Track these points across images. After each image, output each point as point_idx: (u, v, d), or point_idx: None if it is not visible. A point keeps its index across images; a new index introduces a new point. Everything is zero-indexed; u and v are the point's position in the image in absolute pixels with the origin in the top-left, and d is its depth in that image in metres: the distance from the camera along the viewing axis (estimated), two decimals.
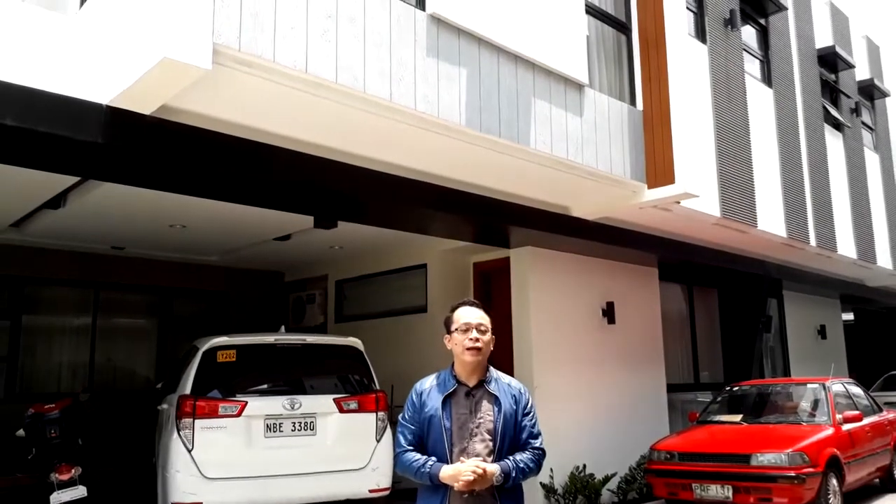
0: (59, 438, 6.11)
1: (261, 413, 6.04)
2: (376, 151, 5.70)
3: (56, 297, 9.73)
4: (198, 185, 5.79)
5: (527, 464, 2.83)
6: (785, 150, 10.20)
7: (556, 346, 8.31)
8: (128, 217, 7.70)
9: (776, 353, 13.16)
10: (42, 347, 9.53)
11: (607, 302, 9.02)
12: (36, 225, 7.82)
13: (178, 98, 4.46)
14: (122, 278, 9.97)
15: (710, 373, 11.82)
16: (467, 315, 2.93)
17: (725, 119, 8.76)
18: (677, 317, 11.34)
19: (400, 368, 8.21)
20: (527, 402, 2.95)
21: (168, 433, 6.04)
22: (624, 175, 6.87)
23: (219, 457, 5.84)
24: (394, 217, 7.08)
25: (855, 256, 11.90)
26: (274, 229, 8.47)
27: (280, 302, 11.73)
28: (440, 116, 5.19)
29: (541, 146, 5.99)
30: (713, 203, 8.29)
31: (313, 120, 5.07)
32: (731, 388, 9.52)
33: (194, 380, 6.10)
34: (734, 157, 8.81)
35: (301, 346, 6.74)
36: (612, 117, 6.83)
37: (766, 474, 7.03)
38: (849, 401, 8.76)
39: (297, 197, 6.20)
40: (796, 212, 10.16)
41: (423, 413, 2.89)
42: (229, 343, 6.40)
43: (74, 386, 9.29)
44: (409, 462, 2.85)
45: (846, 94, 12.77)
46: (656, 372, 9.84)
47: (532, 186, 6.94)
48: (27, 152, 4.67)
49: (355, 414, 6.40)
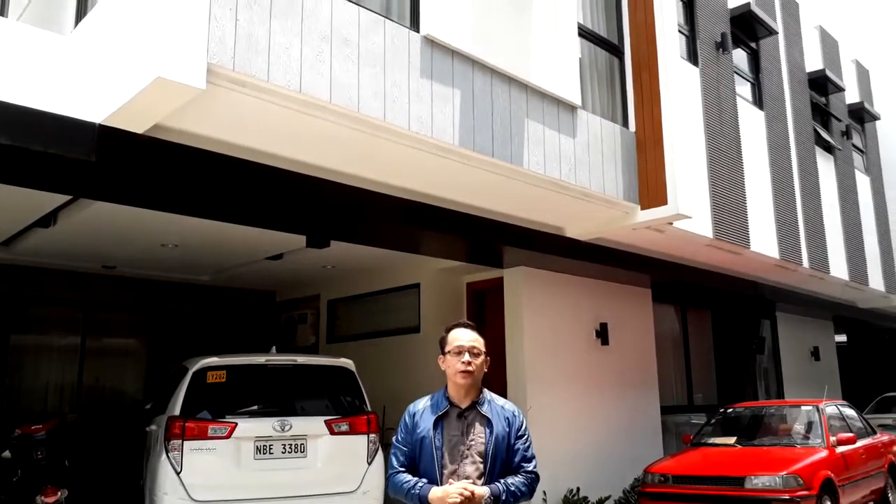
0: (46, 460, 6.01)
1: (251, 435, 5.96)
2: (370, 171, 5.70)
3: (45, 315, 9.65)
4: (190, 203, 5.77)
5: (518, 487, 2.80)
6: (777, 172, 10.26)
7: (549, 366, 8.28)
8: (119, 236, 7.66)
9: (770, 374, 13.15)
10: (30, 367, 9.43)
11: (601, 323, 9.01)
12: (26, 243, 7.77)
13: (172, 117, 4.46)
14: (112, 297, 9.90)
15: (704, 394, 11.78)
16: (460, 337, 2.92)
17: (717, 141, 8.82)
18: (671, 338, 11.32)
19: (392, 389, 8.15)
20: (521, 424, 2.93)
21: (156, 455, 5.95)
22: (617, 196, 6.89)
23: (208, 479, 5.76)
24: (386, 236, 7.08)
25: (847, 278, 11.95)
26: (266, 248, 8.45)
27: (271, 322, 11.66)
28: (434, 136, 5.20)
29: (534, 167, 6.00)
30: (706, 224, 8.32)
31: (307, 140, 5.07)
32: (724, 410, 9.48)
33: (184, 401, 6.03)
34: (726, 179, 8.86)
35: (292, 367, 6.67)
36: (605, 139, 6.87)
37: (761, 497, 6.98)
38: (843, 423, 8.73)
39: (290, 216, 6.19)
40: (789, 233, 10.20)
41: (415, 434, 2.88)
42: (219, 363, 6.33)
43: (62, 406, 9.18)
44: (400, 483, 2.83)
45: (836, 117, 12.90)
46: (650, 393, 9.80)
47: (525, 207, 6.95)
48: (19, 170, 4.65)
49: (346, 436, 6.32)
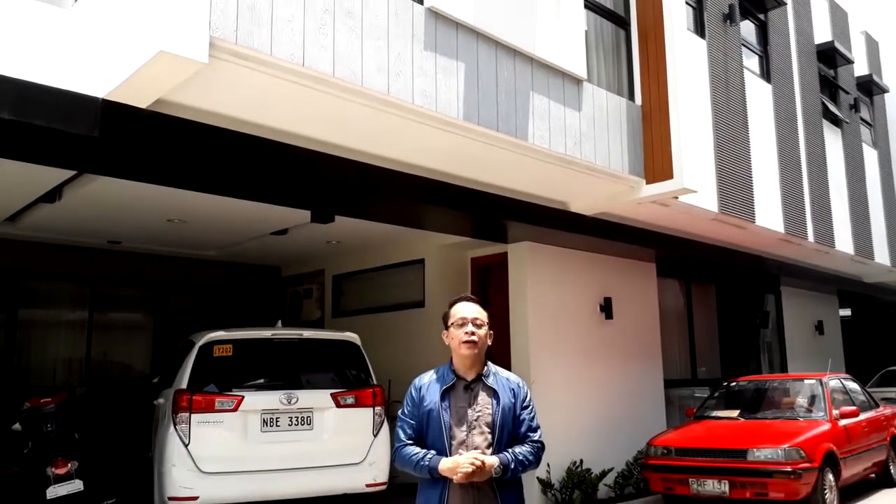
0: (56, 432, 6.08)
1: (257, 408, 6.03)
2: (374, 146, 5.68)
3: (52, 291, 9.70)
4: (194, 179, 5.76)
5: (526, 456, 2.84)
6: (783, 145, 10.19)
7: (553, 341, 8.31)
8: (124, 211, 7.67)
9: (773, 348, 13.18)
10: (38, 341, 9.51)
11: (605, 297, 9.02)
12: (31, 219, 7.79)
13: (175, 91, 4.44)
14: (118, 272, 9.95)
15: (708, 368, 11.82)
16: (463, 310, 2.96)
17: (724, 114, 8.75)
18: (675, 312, 11.33)
19: (397, 363, 8.21)
20: (525, 395, 2.97)
21: (164, 427, 6.03)
22: (622, 170, 6.86)
23: (215, 451, 5.84)
24: (391, 212, 7.07)
25: (852, 252, 11.91)
26: (271, 224, 8.45)
27: (277, 296, 11.72)
28: (438, 110, 5.17)
29: (539, 141, 5.97)
30: (711, 198, 8.29)
31: (310, 114, 5.05)
32: (728, 383, 9.53)
33: (191, 374, 6.09)
34: (732, 153, 8.80)
35: (298, 341, 6.72)
36: (611, 112, 6.82)
37: (763, 469, 7.05)
38: (846, 396, 8.78)
39: (294, 191, 6.18)
40: (794, 207, 10.16)
41: (422, 407, 2.91)
42: (226, 337, 6.38)
43: (70, 380, 9.27)
44: (408, 456, 2.86)
45: (845, 89, 12.76)
46: (654, 367, 9.85)
47: (530, 181, 6.93)
48: (23, 146, 4.64)
49: (352, 409, 6.39)
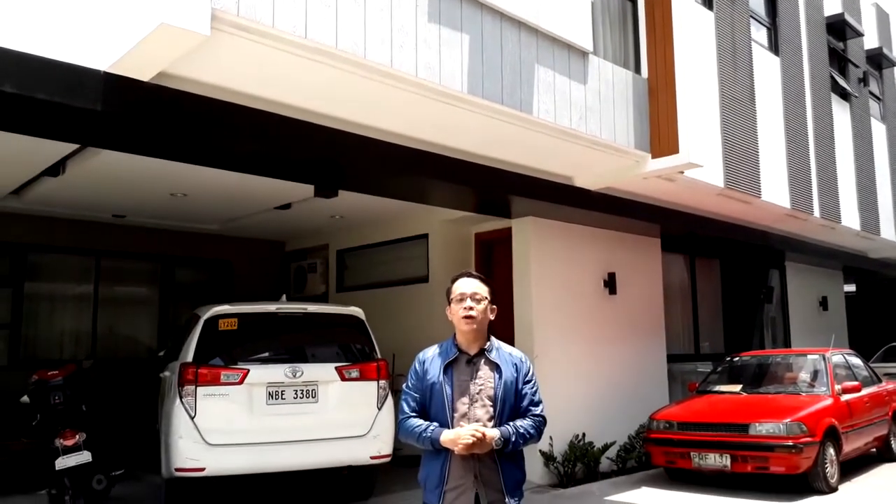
0: (63, 405, 6.13)
1: (263, 381, 6.08)
2: (377, 119, 5.64)
3: (57, 264, 9.74)
4: (197, 153, 5.75)
5: (527, 430, 2.87)
6: (790, 119, 10.09)
7: (557, 316, 8.33)
8: (127, 185, 7.67)
9: (777, 324, 13.19)
10: (44, 315, 9.57)
11: (609, 273, 9.02)
12: (36, 192, 7.79)
13: (177, 64, 4.40)
14: (123, 246, 9.98)
15: (711, 343, 11.86)
16: (463, 286, 2.99)
17: (731, 88, 8.66)
18: (679, 287, 11.34)
19: (401, 338, 8.24)
20: (528, 370, 2.99)
21: (171, 400, 6.09)
22: (628, 145, 6.81)
23: (221, 423, 5.90)
24: (394, 186, 7.04)
25: (858, 228, 11.86)
26: (274, 198, 8.45)
27: (281, 271, 11.75)
28: (441, 83, 5.12)
29: (544, 115, 5.92)
30: (717, 173, 8.24)
31: (313, 87, 5.01)
32: (731, 358, 9.56)
33: (196, 348, 6.13)
34: (739, 127, 8.72)
35: (302, 315, 6.75)
36: (617, 85, 6.75)
37: (764, 443, 7.10)
38: (848, 372, 8.80)
39: (297, 165, 6.16)
40: (800, 182, 10.09)
41: (425, 381, 2.94)
42: (231, 311, 6.42)
43: (77, 354, 9.34)
44: (411, 428, 2.89)
45: (854, 62, 12.60)
46: (657, 342, 9.87)
47: (534, 156, 6.88)
48: (25, 119, 4.63)
49: (357, 382, 6.44)
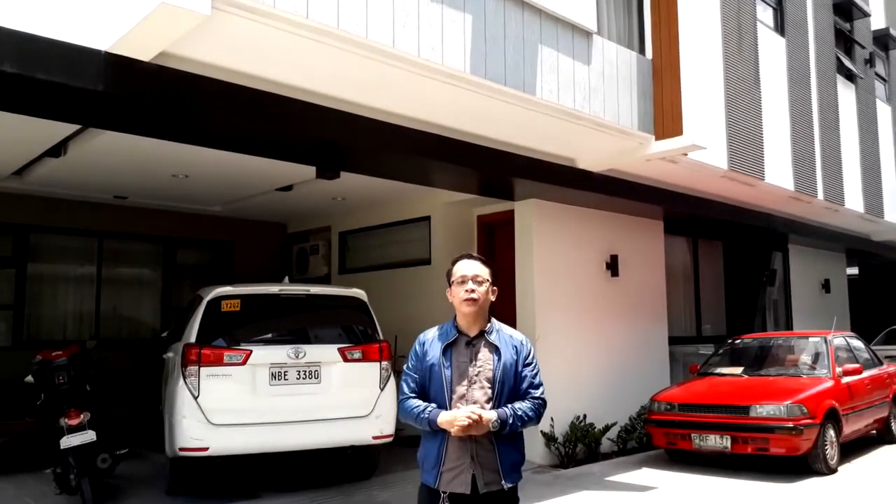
0: (68, 384, 6.15)
1: (266, 361, 6.10)
2: (379, 100, 5.61)
3: (60, 245, 9.75)
4: (198, 133, 5.73)
5: (525, 412, 2.87)
6: (795, 101, 10.02)
7: (558, 298, 8.34)
8: (129, 166, 7.66)
9: (779, 306, 13.19)
10: (48, 296, 9.61)
11: (611, 255, 9.01)
12: (37, 173, 7.79)
13: (178, 44, 4.38)
14: (125, 228, 9.99)
15: (713, 326, 11.87)
16: (464, 268, 2.97)
17: (735, 69, 8.59)
18: (681, 269, 11.33)
19: (404, 320, 8.27)
20: (528, 352, 2.99)
21: (174, 381, 6.12)
22: (631, 126, 6.77)
23: (224, 404, 5.92)
24: (396, 168, 7.02)
25: (862, 210, 11.82)
26: (276, 179, 8.43)
27: (284, 253, 11.77)
28: (444, 63, 5.09)
29: (547, 95, 5.88)
30: (721, 155, 8.20)
31: (315, 67, 4.98)
32: (732, 340, 9.58)
33: (199, 329, 6.15)
34: (743, 109, 8.67)
35: (305, 297, 6.76)
36: (621, 66, 6.70)
37: (765, 425, 7.13)
38: (849, 354, 8.81)
39: (299, 146, 6.14)
40: (805, 165, 10.04)
41: (424, 362, 2.95)
42: (233, 293, 6.43)
43: (81, 334, 9.39)
44: (410, 409, 2.91)
45: (860, 43, 12.48)
46: (658, 324, 9.89)
47: (537, 137, 6.85)
48: (26, 99, 4.61)
49: (359, 363, 6.45)
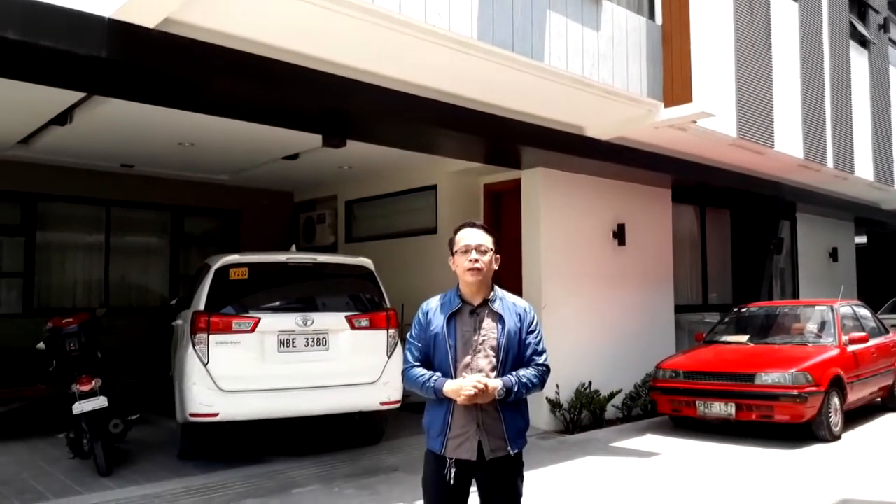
0: (79, 351, 6.23)
1: (274, 329, 6.15)
2: (385, 67, 5.56)
3: (68, 214, 9.80)
4: (203, 101, 5.71)
5: (530, 379, 2.88)
6: (807, 67, 9.87)
7: (565, 267, 8.34)
8: (135, 134, 7.64)
9: (786, 275, 13.17)
10: (57, 264, 9.68)
11: (618, 224, 8.99)
12: (44, 141, 7.78)
13: (183, 11, 4.33)
14: (132, 196, 10.01)
15: (719, 294, 11.88)
16: (467, 237, 2.96)
17: (746, 35, 8.45)
18: (688, 238, 11.30)
19: (410, 288, 8.29)
20: (532, 320, 2.99)
21: (184, 348, 6.18)
22: (641, 93, 6.70)
23: (233, 370, 5.99)
24: (402, 136, 6.98)
25: (872, 179, 11.72)
26: (282, 148, 8.40)
27: (290, 221, 11.78)
28: (451, 29, 5.03)
29: (555, 62, 5.81)
30: (730, 123, 8.12)
31: (320, 34, 4.92)
32: (738, 309, 9.58)
33: (208, 296, 6.19)
34: (753, 75, 8.55)
35: (312, 266, 6.79)
36: (630, 32, 6.60)
37: (770, 393, 7.17)
38: (856, 323, 8.82)
39: (304, 114, 6.10)
40: (815, 132, 9.93)
41: (428, 331, 2.95)
42: (241, 261, 6.45)
43: (90, 302, 9.47)
44: (415, 377, 2.92)
45: (874, 8, 12.25)
46: (665, 293, 9.90)
47: (545, 105, 6.79)
48: (30, 67, 4.59)
49: (366, 331, 6.50)
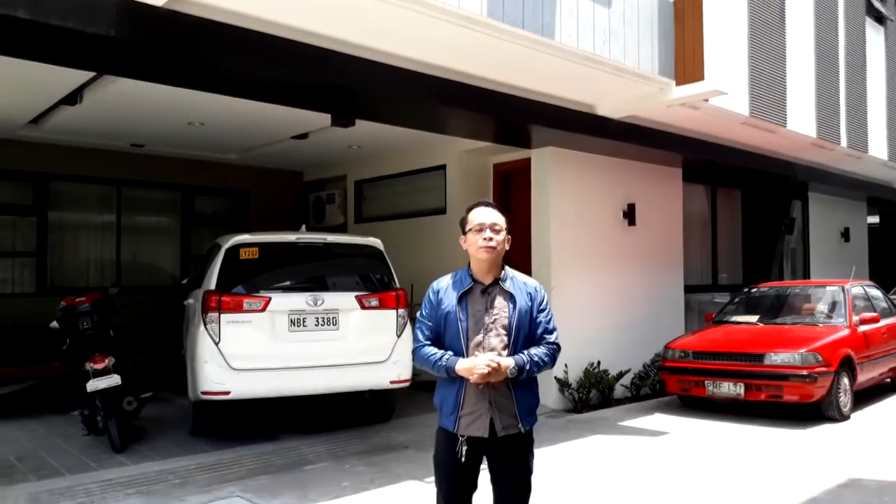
0: (92, 330, 6.30)
1: (285, 308, 6.19)
2: (394, 45, 5.52)
3: (79, 193, 9.83)
4: (213, 80, 5.69)
5: (541, 357, 2.90)
6: (821, 44, 9.73)
7: (574, 247, 8.33)
8: (145, 114, 7.65)
9: (797, 255, 13.10)
10: (69, 243, 9.74)
11: (629, 203, 8.95)
12: (54, 121, 7.80)
13: None
14: (143, 175, 10.03)
15: (730, 274, 11.84)
16: (481, 215, 2.96)
17: (760, 11, 8.32)
18: (699, 218, 11.25)
19: (419, 268, 8.30)
20: (542, 298, 3.00)
21: (195, 327, 6.23)
22: (652, 71, 6.63)
23: (245, 349, 6.04)
24: (411, 115, 6.95)
25: (886, 158, 11.59)
26: (291, 127, 8.39)
27: (300, 201, 11.79)
28: (461, 7, 4.98)
29: (566, 39, 5.76)
30: (742, 101, 8.03)
31: (329, 12, 4.89)
32: (748, 289, 9.55)
33: (219, 276, 6.23)
34: (767, 53, 8.44)
35: (322, 246, 6.80)
36: (642, 9, 6.52)
37: (779, 373, 7.17)
38: (867, 303, 8.78)
39: (313, 93, 6.08)
40: (828, 111, 9.82)
41: (439, 310, 2.95)
42: (252, 241, 6.48)
43: (102, 281, 9.54)
44: (426, 356, 2.93)
45: None
46: (675, 273, 9.87)
47: (556, 83, 6.74)
48: (40, 46, 4.59)
49: (376, 310, 6.54)
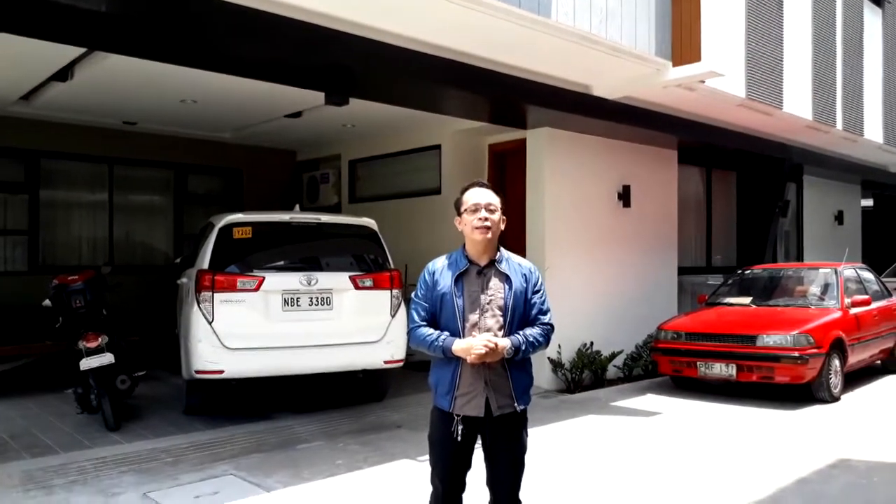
0: (84, 308, 6.28)
1: (278, 288, 6.18)
2: (389, 23, 5.46)
3: (71, 171, 9.75)
4: (205, 57, 5.63)
5: (536, 338, 2.92)
6: (818, 26, 9.68)
7: (569, 228, 8.32)
8: (137, 91, 7.57)
9: (791, 238, 13.13)
10: (61, 222, 9.68)
11: (623, 185, 8.94)
12: (45, 98, 7.72)
13: None
14: (135, 154, 9.95)
15: (723, 256, 11.87)
16: (476, 196, 2.95)
17: None
18: (694, 200, 11.25)
19: (414, 249, 8.30)
20: (537, 280, 3.01)
21: (189, 306, 6.22)
22: (648, 51, 6.59)
23: (238, 329, 6.04)
24: (406, 94, 6.90)
25: (881, 141, 11.59)
26: (284, 106, 8.33)
27: (294, 181, 11.74)
28: None
29: (563, 18, 5.70)
30: (739, 83, 7.99)
31: None
32: (742, 271, 9.59)
33: (212, 255, 6.20)
34: (764, 34, 8.39)
35: (316, 225, 6.78)
36: None
37: (771, 354, 7.22)
38: (859, 286, 8.83)
39: (307, 71, 6.02)
40: (824, 93, 9.79)
41: (435, 291, 2.96)
42: (245, 220, 6.45)
43: (95, 260, 9.50)
44: (422, 337, 2.94)
45: None
46: (668, 255, 9.89)
47: (552, 63, 6.68)
48: (30, 21, 4.52)
49: (370, 291, 6.54)
